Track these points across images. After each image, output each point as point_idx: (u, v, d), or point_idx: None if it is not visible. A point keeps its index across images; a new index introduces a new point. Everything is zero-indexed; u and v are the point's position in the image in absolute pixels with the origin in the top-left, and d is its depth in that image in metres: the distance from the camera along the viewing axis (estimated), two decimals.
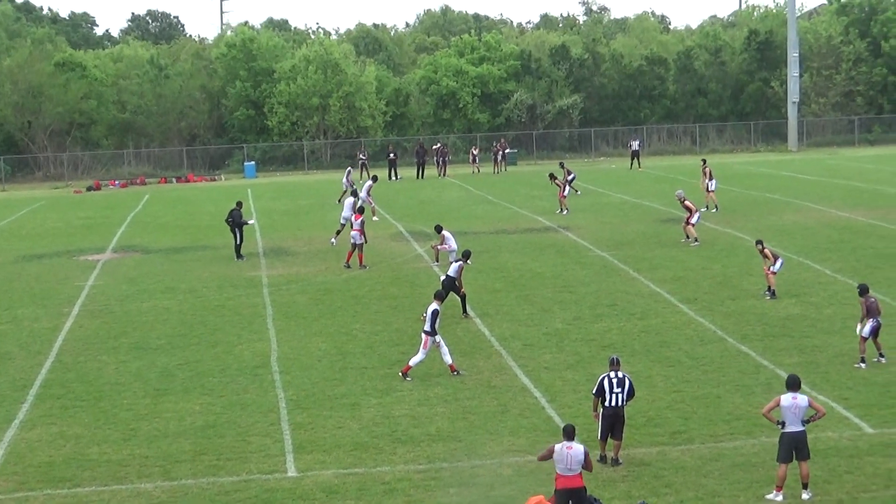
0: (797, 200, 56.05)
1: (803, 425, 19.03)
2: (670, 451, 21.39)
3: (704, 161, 56.81)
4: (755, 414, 22.49)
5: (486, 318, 32.80)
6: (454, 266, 32.99)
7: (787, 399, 19.03)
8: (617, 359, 21.22)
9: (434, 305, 26.88)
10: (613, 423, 20.69)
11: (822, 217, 50.20)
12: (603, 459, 20.80)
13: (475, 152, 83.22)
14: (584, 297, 35.19)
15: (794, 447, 18.96)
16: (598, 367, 25.67)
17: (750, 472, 20.22)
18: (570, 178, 58.44)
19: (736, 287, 35.76)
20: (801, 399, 19.07)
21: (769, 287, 34.06)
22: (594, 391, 20.91)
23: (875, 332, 26.51)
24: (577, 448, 17.64)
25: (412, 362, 26.80)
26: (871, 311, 26.37)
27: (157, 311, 35.62)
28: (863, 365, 26.31)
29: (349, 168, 65.10)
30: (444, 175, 78.76)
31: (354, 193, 48.72)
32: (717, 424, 22.77)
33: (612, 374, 20.81)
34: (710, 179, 53.83)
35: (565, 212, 54.22)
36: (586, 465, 17.68)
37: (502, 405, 24.55)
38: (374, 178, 56.71)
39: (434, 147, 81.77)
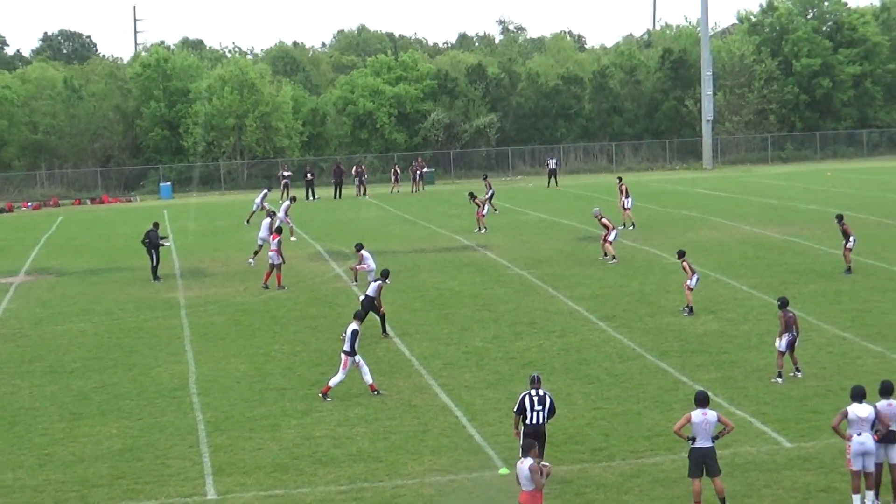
0: (712, 217, 56.62)
1: (713, 441, 19.14)
2: (591, 469, 21.43)
3: (620, 179, 57.24)
4: (672, 429, 22.60)
5: (406, 337, 32.73)
6: (373, 286, 32.88)
7: (697, 415, 19.12)
8: (537, 377, 21.21)
9: (353, 325, 26.78)
10: (535, 440, 20.69)
11: (738, 234, 50.75)
12: None
13: (398, 171, 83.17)
14: (504, 315, 35.23)
15: (703, 462, 19.05)
16: (518, 386, 25.68)
17: (671, 487, 20.30)
18: (489, 194, 58.70)
19: (654, 304, 36.00)
20: (711, 415, 19.16)
21: (687, 304, 34.31)
22: (515, 409, 20.89)
23: (791, 346, 26.79)
24: (525, 462, 17.54)
25: (332, 383, 26.66)
26: (788, 325, 26.65)
27: (73, 333, 35.16)
28: (779, 380, 26.56)
29: (265, 190, 64.64)
30: (363, 195, 78.69)
31: (271, 214, 48.50)
32: (637, 441, 22.86)
33: (533, 392, 20.80)
34: (627, 197, 54.26)
35: (484, 230, 54.34)
36: (533, 481, 17.28)
37: (423, 425, 24.49)
38: (293, 199, 56.79)
39: (354, 169, 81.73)
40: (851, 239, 39.76)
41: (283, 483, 21.27)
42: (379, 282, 32.95)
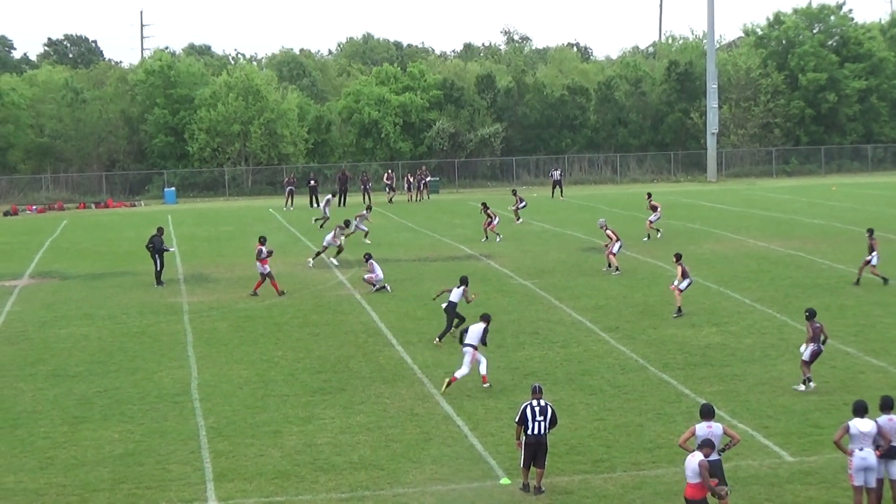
0: (716, 230, 56.58)
1: (719, 454, 19.11)
2: (593, 480, 21.42)
3: (650, 195, 57.02)
4: (676, 442, 22.59)
5: (409, 346, 32.71)
6: (457, 291, 33.19)
7: (701, 428, 19.11)
8: (539, 387, 21.23)
9: (482, 325, 27.96)
10: (536, 452, 20.68)
11: (741, 247, 50.71)
12: (525, 488, 20.79)
13: (411, 179, 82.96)
14: (507, 325, 35.20)
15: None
16: (520, 395, 25.68)
17: (672, 500, 20.27)
18: (521, 205, 59.03)
19: (657, 316, 35.97)
20: (716, 427, 19.16)
21: (677, 306, 34.96)
22: (516, 419, 20.90)
23: (815, 356, 26.89)
24: (695, 456, 17.96)
25: (458, 375, 27.41)
26: (815, 335, 26.80)
27: (76, 337, 35.17)
28: (802, 387, 26.75)
29: (329, 196, 65.62)
30: (397, 197, 79.14)
31: (346, 223, 50.20)
32: (639, 453, 22.85)
33: (535, 403, 20.82)
34: (654, 211, 54.24)
35: (499, 238, 54.32)
36: (701, 477, 17.83)
37: (425, 433, 24.48)
38: (369, 208, 56.81)
39: (386, 178, 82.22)
40: (875, 255, 39.87)
41: (284, 490, 21.27)
42: (462, 287, 33.22)
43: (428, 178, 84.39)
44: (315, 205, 76.85)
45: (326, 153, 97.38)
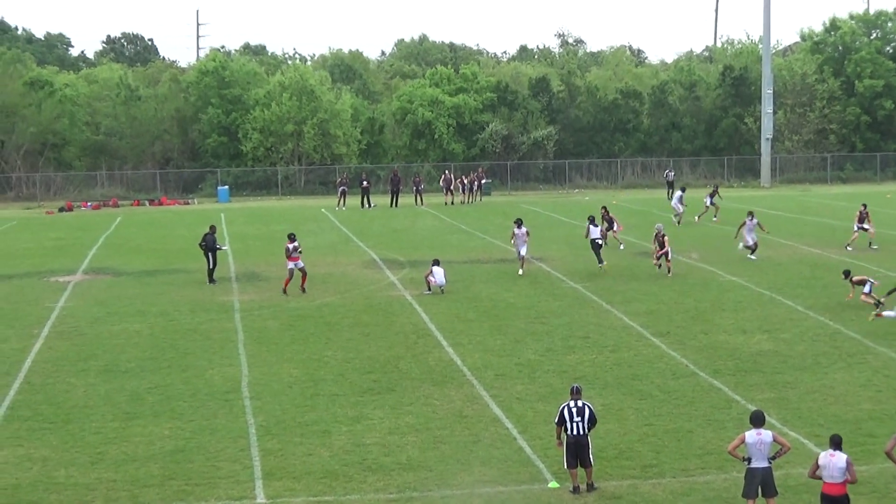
0: (769, 236, 56.10)
1: (769, 462, 18.98)
2: (641, 485, 21.33)
3: (865, 206, 54.56)
4: (726, 449, 22.46)
5: (459, 347, 32.69)
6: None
7: (751, 435, 18.98)
8: (577, 388, 21.21)
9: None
10: (577, 452, 20.63)
11: (794, 253, 50.36)
12: (576, 490, 20.72)
13: (465, 181, 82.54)
14: (557, 328, 35.14)
15: (759, 483, 18.90)
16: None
17: None
18: (710, 200, 62.16)
19: (708, 321, 35.77)
20: (766, 435, 19.01)
21: (876, 301, 36.88)
22: (556, 421, 20.92)
23: None
24: (839, 456, 18.05)
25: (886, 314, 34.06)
26: None
27: (128, 333, 35.40)
28: None
29: (679, 192, 65.32)
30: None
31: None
32: (688, 459, 22.72)
33: (572, 403, 20.81)
34: (864, 222, 52.59)
35: (621, 246, 52.96)
36: (849, 473, 17.99)
37: (474, 435, 24.45)
38: (702, 194, 53.45)
39: (442, 181, 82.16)
40: None
41: (332, 489, 21.31)
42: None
43: (483, 180, 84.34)
44: (367, 205, 77.03)
45: (379, 154, 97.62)
